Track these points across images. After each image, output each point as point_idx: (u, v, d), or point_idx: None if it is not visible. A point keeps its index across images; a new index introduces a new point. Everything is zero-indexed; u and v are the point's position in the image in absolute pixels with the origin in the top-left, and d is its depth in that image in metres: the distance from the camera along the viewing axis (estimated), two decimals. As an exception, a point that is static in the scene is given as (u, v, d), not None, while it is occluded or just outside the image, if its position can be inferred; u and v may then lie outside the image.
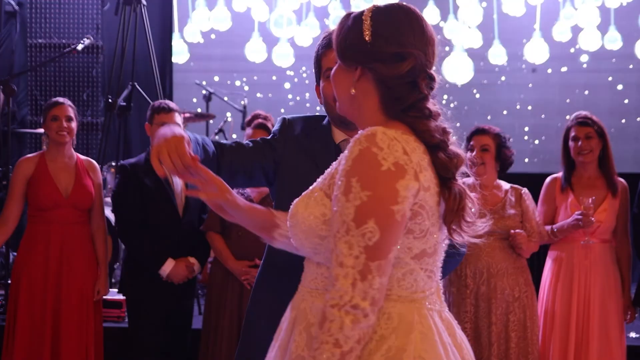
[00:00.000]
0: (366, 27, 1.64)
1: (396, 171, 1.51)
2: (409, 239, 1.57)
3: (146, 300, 3.97)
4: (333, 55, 2.03)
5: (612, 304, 3.86)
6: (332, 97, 2.08)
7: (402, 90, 1.63)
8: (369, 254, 1.49)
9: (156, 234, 3.95)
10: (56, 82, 6.99)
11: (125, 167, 4.05)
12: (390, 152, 1.52)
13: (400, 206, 1.50)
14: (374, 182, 1.50)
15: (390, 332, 1.55)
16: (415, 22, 1.65)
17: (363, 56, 1.64)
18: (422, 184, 1.54)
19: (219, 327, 3.89)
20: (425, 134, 1.60)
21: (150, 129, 4.08)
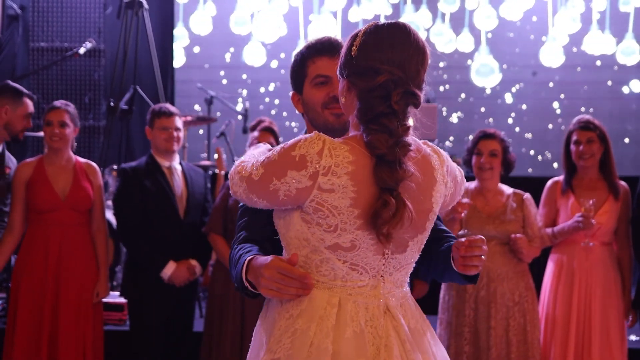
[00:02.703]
0: (356, 42, 1.80)
1: (298, 161, 1.73)
2: (319, 230, 1.77)
3: (147, 303, 3.98)
4: (325, 62, 2.08)
5: (613, 306, 3.86)
6: (320, 104, 2.09)
7: (371, 102, 1.76)
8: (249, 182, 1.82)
9: (157, 236, 3.96)
10: (58, 86, 7.01)
11: (126, 170, 4.07)
12: (307, 147, 1.74)
13: (276, 182, 1.75)
14: (282, 155, 1.76)
15: (298, 312, 1.78)
16: (398, 39, 1.76)
17: (348, 70, 1.81)
18: (319, 185, 1.73)
19: (222, 330, 3.90)
20: (369, 145, 1.75)
21: (151, 133, 4.10)
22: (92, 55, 6.89)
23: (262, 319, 1.93)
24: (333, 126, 2.10)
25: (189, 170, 4.20)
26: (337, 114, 2.08)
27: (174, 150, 4.08)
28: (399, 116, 1.76)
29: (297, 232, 1.81)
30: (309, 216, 1.77)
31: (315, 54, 2.12)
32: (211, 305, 4.00)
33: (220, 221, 3.98)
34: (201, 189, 4.16)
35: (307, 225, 1.78)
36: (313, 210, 1.76)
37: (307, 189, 1.74)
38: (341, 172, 1.73)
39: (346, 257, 1.78)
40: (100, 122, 6.93)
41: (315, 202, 1.74)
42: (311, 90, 2.12)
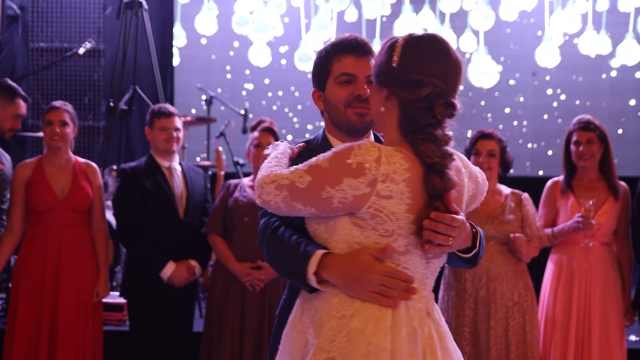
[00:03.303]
0: (396, 53, 1.84)
1: (355, 169, 1.77)
2: (374, 235, 1.81)
3: (147, 303, 3.98)
4: (350, 61, 2.07)
5: (613, 306, 3.86)
6: (343, 102, 2.09)
7: (416, 113, 1.82)
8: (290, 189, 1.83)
9: (157, 237, 3.97)
10: (58, 86, 7.00)
11: (126, 170, 4.07)
12: (364, 154, 1.77)
13: (330, 190, 1.78)
14: (335, 163, 1.78)
15: (351, 313, 1.81)
16: (439, 53, 1.84)
17: (389, 80, 1.85)
18: (377, 191, 1.76)
19: (222, 330, 3.90)
20: (422, 154, 1.80)
21: (151, 133, 4.10)
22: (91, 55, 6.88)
23: (296, 321, 1.93)
24: (355, 126, 2.11)
25: (189, 170, 4.20)
26: (360, 113, 2.09)
27: (173, 150, 4.08)
28: (442, 126, 1.84)
29: (347, 237, 1.84)
30: (363, 221, 1.81)
31: (341, 51, 2.11)
32: (211, 306, 4.00)
33: (219, 222, 3.98)
34: (201, 189, 4.16)
35: (360, 229, 1.82)
36: (370, 216, 1.79)
37: (365, 196, 1.78)
38: (399, 179, 1.78)
39: (399, 260, 1.84)
40: (100, 123, 6.93)
41: (374, 208, 1.78)
42: (335, 88, 2.11)
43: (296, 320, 1.93)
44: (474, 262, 1.99)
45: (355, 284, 1.81)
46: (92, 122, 6.94)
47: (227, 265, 3.92)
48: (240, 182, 4.10)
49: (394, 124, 1.86)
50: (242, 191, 4.01)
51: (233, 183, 4.10)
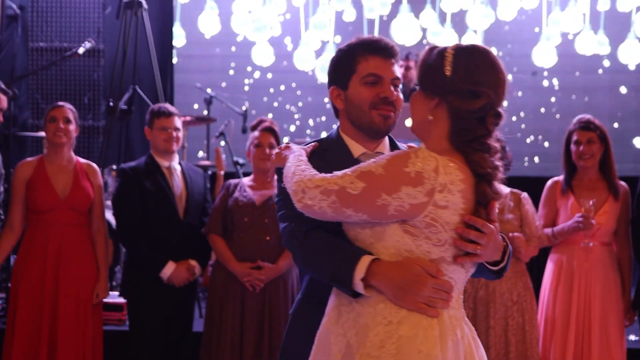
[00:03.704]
0: (448, 62, 1.85)
1: (414, 177, 1.76)
2: (427, 244, 1.81)
3: (147, 303, 3.97)
4: (378, 62, 2.06)
5: (612, 306, 3.86)
6: (368, 103, 2.07)
7: (470, 124, 1.84)
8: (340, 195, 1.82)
9: (157, 236, 3.96)
10: (57, 86, 7.00)
11: (126, 170, 4.07)
12: (422, 162, 1.77)
13: (387, 198, 1.77)
14: (391, 170, 1.77)
15: (398, 320, 1.81)
16: (491, 65, 1.86)
17: (442, 89, 1.85)
18: (435, 201, 1.77)
19: (222, 330, 3.90)
20: (476, 164, 1.83)
21: (151, 133, 4.10)
22: (91, 55, 6.88)
23: (332, 324, 1.91)
24: (379, 128, 2.10)
25: (189, 170, 4.19)
26: (385, 115, 2.08)
27: (173, 150, 4.08)
28: (492, 137, 1.88)
29: (397, 244, 1.83)
30: (416, 229, 1.81)
31: (368, 52, 2.09)
32: (211, 306, 4.00)
33: (219, 222, 3.98)
34: (201, 189, 4.16)
35: (411, 237, 1.82)
36: (425, 225, 1.80)
37: (422, 205, 1.78)
38: (455, 190, 1.80)
39: (447, 270, 1.85)
40: (100, 122, 6.93)
41: (430, 217, 1.79)
42: (360, 88, 2.09)
43: (332, 322, 1.91)
44: (500, 275, 1.99)
45: (404, 293, 1.81)
46: (91, 122, 6.94)
47: (227, 265, 3.92)
48: (240, 182, 4.10)
49: (444, 133, 1.87)
50: (242, 191, 4.01)
51: (233, 183, 4.10)
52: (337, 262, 1.88)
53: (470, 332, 1.91)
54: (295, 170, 1.93)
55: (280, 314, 3.90)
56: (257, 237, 3.92)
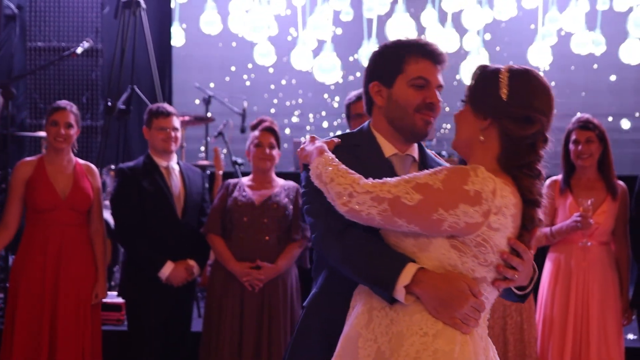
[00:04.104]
0: (503, 85, 1.85)
1: (473, 197, 1.76)
2: (473, 262, 1.82)
3: (145, 303, 3.97)
4: (428, 66, 2.05)
5: (611, 305, 3.87)
6: (414, 106, 2.05)
7: (521, 148, 1.85)
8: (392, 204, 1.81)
9: (155, 236, 3.96)
10: (55, 86, 7.00)
11: (124, 170, 4.07)
12: (481, 183, 1.77)
13: (443, 213, 1.76)
14: (450, 186, 1.77)
15: (434, 332, 1.81)
16: (544, 90, 1.88)
17: (496, 111, 1.86)
18: (489, 223, 1.78)
19: (221, 330, 3.89)
20: (526, 190, 1.84)
21: (149, 133, 4.10)
22: (89, 55, 6.88)
23: (361, 327, 1.89)
24: (420, 132, 2.08)
25: (187, 170, 4.19)
26: (427, 121, 2.07)
27: (172, 150, 4.08)
28: (541, 161, 1.89)
29: (442, 257, 1.82)
30: (465, 247, 1.81)
31: (419, 54, 2.07)
32: (209, 306, 4.00)
33: (218, 221, 3.98)
34: (199, 189, 4.15)
35: (458, 253, 1.82)
36: (475, 244, 1.80)
37: (477, 225, 1.78)
38: (508, 214, 1.81)
39: (485, 290, 1.86)
40: (98, 122, 6.92)
41: (481, 237, 1.80)
42: (407, 90, 2.07)
43: (361, 326, 1.90)
44: (524, 299, 2.00)
45: (445, 306, 1.81)
46: (90, 122, 6.94)
47: (226, 265, 3.92)
48: (240, 181, 4.10)
49: (493, 154, 1.87)
50: (241, 191, 4.01)
51: (232, 183, 4.09)
52: (379, 265, 1.86)
53: (492, 349, 1.93)
54: (334, 170, 1.91)
55: (279, 313, 3.90)
56: (256, 237, 3.92)
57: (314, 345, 2.06)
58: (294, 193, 4.03)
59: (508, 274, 1.84)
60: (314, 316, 2.08)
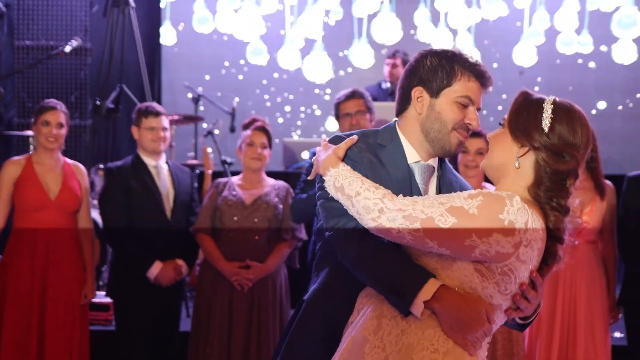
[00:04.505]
0: (546, 116, 1.84)
1: (507, 227, 1.74)
2: (493, 289, 1.81)
3: (134, 303, 3.96)
4: (476, 87, 2.04)
5: (598, 304, 3.88)
6: (453, 123, 2.02)
7: (554, 183, 1.85)
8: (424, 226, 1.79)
9: (143, 236, 3.95)
10: (44, 84, 6.96)
11: (112, 169, 4.05)
12: (515, 214, 1.75)
13: (476, 240, 1.74)
14: (486, 213, 1.74)
15: (445, 350, 1.81)
16: (585, 130, 1.87)
17: (536, 141, 1.84)
18: (518, 254, 1.77)
19: (210, 329, 3.89)
20: (553, 224, 1.84)
21: (138, 132, 4.08)
22: (78, 53, 6.84)
23: (369, 333, 1.88)
24: (452, 149, 2.07)
25: (176, 169, 4.18)
26: (461, 140, 2.06)
27: (161, 150, 4.07)
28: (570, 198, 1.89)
29: (464, 278, 1.81)
30: (490, 273, 1.80)
31: (472, 73, 2.04)
32: (198, 305, 4.00)
33: (208, 220, 3.98)
34: (187, 188, 4.15)
35: (481, 278, 1.81)
36: (500, 272, 1.80)
37: (506, 255, 1.77)
38: (535, 247, 1.81)
39: (498, 317, 1.86)
40: (87, 121, 6.89)
41: (508, 267, 1.79)
42: (451, 105, 2.04)
43: (369, 332, 1.88)
44: (524, 328, 2.02)
45: (461, 327, 1.80)
46: (78, 121, 6.90)
47: (216, 264, 3.91)
48: (230, 180, 4.10)
49: (525, 183, 1.86)
50: (231, 190, 4.00)
51: (222, 182, 4.09)
52: (399, 276, 1.84)
53: None
54: (359, 182, 1.88)
55: (268, 313, 3.90)
56: (246, 237, 3.92)
57: (312, 341, 2.05)
58: (284, 193, 4.04)
59: (522, 304, 1.85)
60: (314, 312, 2.07)
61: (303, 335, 2.08)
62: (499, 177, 1.92)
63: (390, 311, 1.87)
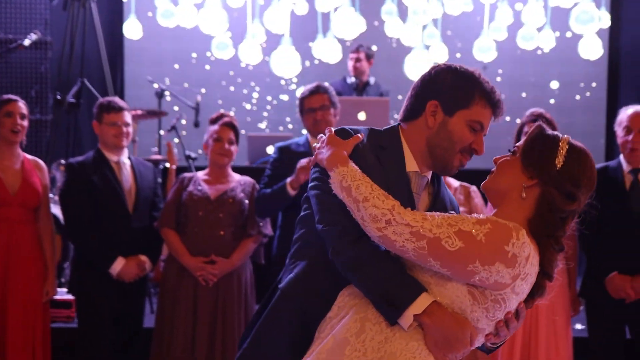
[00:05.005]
0: (560, 154, 1.87)
1: (510, 258, 1.77)
2: (482, 313, 1.83)
3: (96, 299, 3.92)
4: (488, 115, 2.03)
5: (559, 297, 3.93)
6: (462, 146, 2.02)
7: (555, 220, 1.87)
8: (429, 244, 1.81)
9: (105, 232, 3.91)
10: (3, 78, 6.83)
11: (73, 165, 4.00)
12: (520, 247, 1.78)
13: (478, 266, 1.77)
14: (492, 242, 1.77)
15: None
16: (593, 174, 1.91)
17: (546, 176, 1.87)
18: (514, 286, 1.81)
19: (174, 325, 3.87)
20: (548, 263, 1.87)
21: (99, 127, 4.03)
22: (38, 47, 6.73)
23: (350, 335, 1.86)
24: (450, 169, 2.07)
25: (138, 164, 4.14)
26: (463, 163, 2.06)
27: (123, 146, 4.02)
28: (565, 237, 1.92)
29: (455, 298, 1.83)
30: (482, 298, 1.82)
31: (487, 100, 2.02)
32: (162, 301, 3.97)
33: (173, 215, 3.95)
34: (150, 183, 4.11)
35: (472, 301, 1.82)
36: (493, 299, 1.82)
37: (504, 285, 1.80)
38: (529, 281, 1.85)
39: (478, 340, 1.89)
40: (48, 116, 6.78)
41: (501, 297, 1.82)
42: (464, 128, 2.02)
43: (351, 334, 1.87)
44: (489, 352, 2.04)
45: (446, 345, 1.83)
46: (39, 116, 6.79)
47: (180, 259, 3.89)
48: (195, 175, 4.07)
49: (526, 215, 1.87)
50: (196, 185, 3.98)
51: (187, 176, 4.06)
52: (393, 286, 1.84)
53: None
54: (368, 188, 1.86)
55: (233, 309, 3.89)
56: (211, 232, 3.90)
57: (284, 330, 2.02)
58: (250, 188, 4.02)
59: (503, 332, 1.88)
60: (288, 302, 2.04)
61: (275, 323, 2.05)
62: (499, 203, 1.94)
63: (375, 316, 1.87)
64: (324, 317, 1.97)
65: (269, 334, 2.04)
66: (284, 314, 2.03)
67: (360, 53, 6.75)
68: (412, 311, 1.82)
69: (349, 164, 1.92)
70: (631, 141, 3.82)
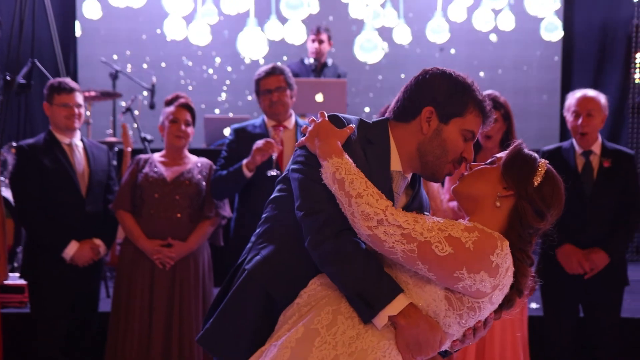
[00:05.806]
0: (539, 174, 1.91)
1: (493, 268, 1.80)
2: (455, 320, 1.85)
3: (49, 284, 3.87)
4: (479, 124, 2.03)
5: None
6: (454, 154, 2.01)
7: (524, 233, 1.90)
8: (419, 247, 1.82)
9: (58, 216, 3.85)
10: (-50, 59, 6.62)
11: (23, 147, 3.92)
12: (503, 258, 1.81)
13: (464, 273, 1.78)
14: (480, 250, 1.79)
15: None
16: (562, 204, 1.94)
17: (523, 192, 1.90)
18: (492, 295, 1.83)
19: (130, 309, 3.83)
20: (521, 278, 1.89)
21: (50, 109, 3.95)
22: (-15, 26, 6.53)
23: (322, 327, 1.85)
24: (438, 177, 2.05)
25: (91, 147, 4.07)
26: (451, 172, 2.04)
27: (75, 127, 3.95)
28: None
29: (430, 302, 1.84)
30: (459, 304, 1.83)
31: (480, 111, 2.01)
32: (118, 285, 3.92)
33: (128, 197, 3.89)
34: (104, 166, 4.04)
35: (447, 306, 1.83)
36: (469, 306, 1.84)
37: (484, 294, 1.82)
38: (504, 292, 1.87)
39: (445, 345, 1.91)
40: (-3, 98, 6.61)
41: (478, 305, 1.84)
42: (457, 137, 2.00)
43: (322, 325, 1.85)
44: (446, 356, 2.05)
45: (417, 348, 1.84)
46: (-12, 97, 6.61)
47: (136, 242, 3.84)
48: (151, 157, 4.01)
49: (498, 225, 1.89)
50: (152, 166, 3.92)
51: (143, 158, 4.00)
52: (370, 284, 1.83)
53: None
54: (362, 185, 1.84)
55: (190, 292, 3.86)
56: (168, 214, 3.86)
57: (247, 311, 2.00)
58: (207, 170, 3.98)
59: (469, 339, 1.91)
60: (254, 284, 2.00)
61: (240, 305, 2.03)
62: (473, 210, 1.94)
63: (348, 310, 1.86)
64: (290, 302, 1.96)
65: (232, 315, 2.03)
66: (249, 295, 2.01)
67: (322, 34, 6.72)
68: (388, 312, 1.82)
69: (344, 155, 1.89)
70: (580, 125, 3.88)
